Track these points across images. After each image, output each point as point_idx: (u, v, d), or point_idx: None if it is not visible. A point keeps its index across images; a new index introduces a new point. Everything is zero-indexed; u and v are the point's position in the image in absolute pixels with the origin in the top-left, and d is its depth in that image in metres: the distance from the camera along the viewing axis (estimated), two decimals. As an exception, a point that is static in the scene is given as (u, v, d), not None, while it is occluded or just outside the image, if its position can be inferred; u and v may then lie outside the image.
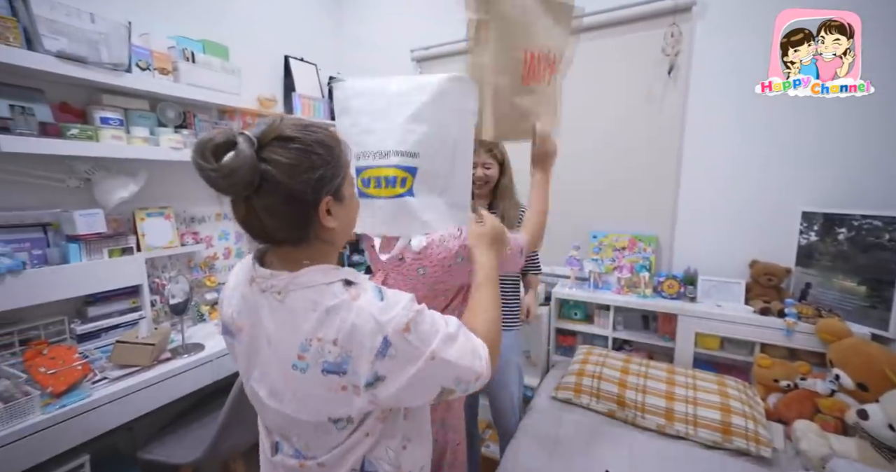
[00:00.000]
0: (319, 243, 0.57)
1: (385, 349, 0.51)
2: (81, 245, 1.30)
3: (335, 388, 0.53)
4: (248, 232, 0.55)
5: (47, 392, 1.07)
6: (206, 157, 0.47)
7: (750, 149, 1.62)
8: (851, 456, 1.08)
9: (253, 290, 0.58)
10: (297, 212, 0.53)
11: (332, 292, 0.54)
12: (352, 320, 0.51)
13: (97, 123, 1.32)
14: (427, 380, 0.54)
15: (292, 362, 0.53)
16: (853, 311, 1.41)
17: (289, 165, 0.50)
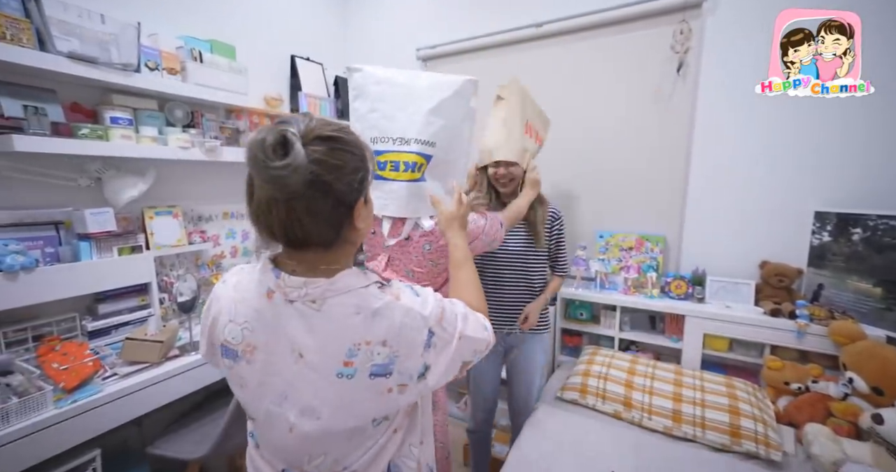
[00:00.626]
0: (346, 245, 0.56)
1: (430, 340, 0.55)
2: (92, 243, 1.32)
3: (382, 391, 0.53)
4: (282, 235, 0.52)
5: (59, 387, 1.09)
6: (270, 155, 0.45)
7: (760, 148, 1.59)
8: (866, 462, 1.05)
9: (274, 302, 0.53)
10: (338, 214, 0.52)
11: (372, 294, 0.54)
12: (400, 320, 0.53)
13: (107, 123, 1.34)
14: (457, 358, 0.58)
15: (337, 371, 0.51)
16: (868, 313, 1.37)
17: (335, 166, 0.49)
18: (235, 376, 0.58)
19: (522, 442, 1.27)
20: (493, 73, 2.11)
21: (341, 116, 2.25)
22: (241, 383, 0.57)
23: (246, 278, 0.58)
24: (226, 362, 0.58)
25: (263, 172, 0.46)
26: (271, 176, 0.45)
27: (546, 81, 1.99)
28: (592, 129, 1.91)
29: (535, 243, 1.39)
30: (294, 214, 0.49)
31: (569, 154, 1.96)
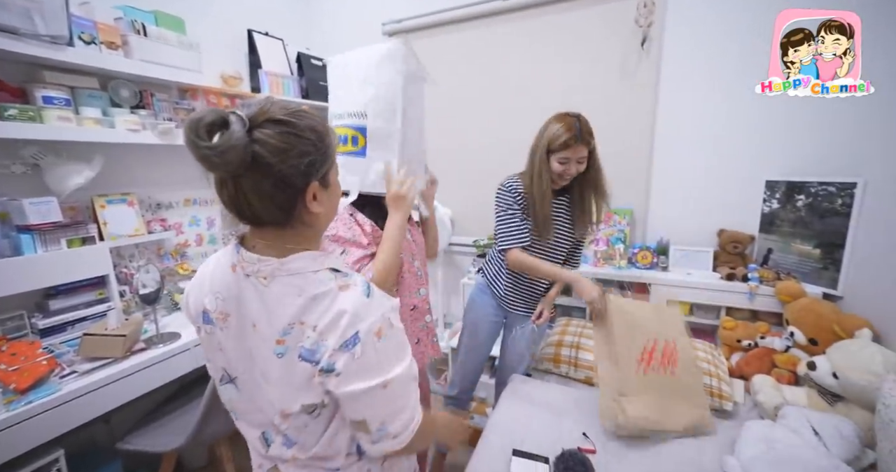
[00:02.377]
0: (303, 227, 0.57)
1: (352, 344, 0.51)
2: (35, 236, 1.22)
3: (308, 376, 0.53)
4: (234, 212, 0.54)
5: (10, 389, 1.03)
6: (201, 135, 0.46)
7: (720, 121, 1.66)
8: (801, 403, 1.17)
9: (236, 275, 0.57)
10: (284, 195, 0.53)
11: (318, 279, 0.55)
12: (336, 308, 0.52)
13: (40, 103, 1.22)
14: (363, 403, 0.54)
15: (273, 348, 0.54)
16: (808, 273, 1.50)
17: (280, 148, 0.50)
18: (215, 342, 0.61)
19: (500, 410, 1.33)
20: (460, 49, 2.09)
21: (306, 95, 2.16)
22: (220, 346, 0.61)
23: (221, 253, 0.63)
24: (206, 328, 0.61)
25: (193, 151, 0.47)
26: (200, 155, 0.47)
27: (512, 56, 1.98)
28: (560, 104, 1.92)
29: (574, 237, 1.38)
30: (241, 192, 0.51)
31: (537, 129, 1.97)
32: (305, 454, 0.60)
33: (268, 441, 0.62)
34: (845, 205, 1.39)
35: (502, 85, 2.02)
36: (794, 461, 0.91)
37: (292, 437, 0.59)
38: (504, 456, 1.09)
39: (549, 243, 1.34)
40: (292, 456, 0.61)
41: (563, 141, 1.19)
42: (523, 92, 1.99)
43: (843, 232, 1.39)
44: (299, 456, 0.60)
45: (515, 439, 1.15)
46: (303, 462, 0.61)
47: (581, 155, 1.21)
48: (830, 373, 1.12)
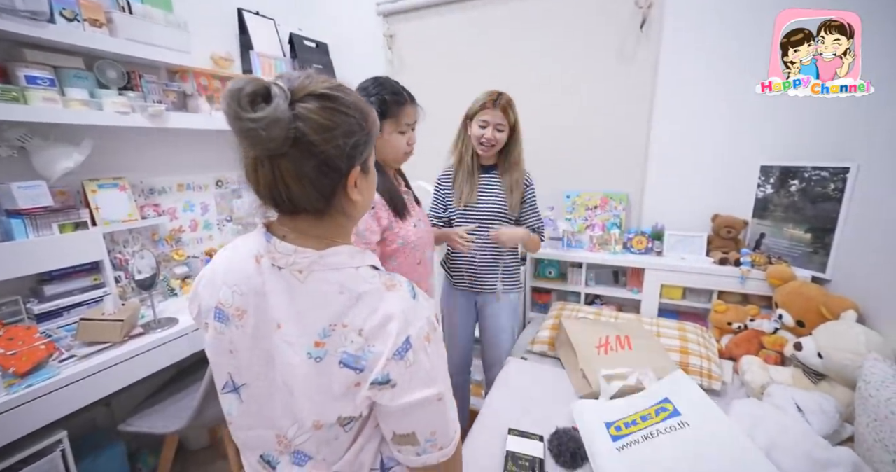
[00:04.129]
0: (340, 217, 0.52)
1: (405, 351, 0.46)
2: (25, 220, 1.20)
3: (349, 384, 0.47)
4: (268, 198, 0.48)
5: (10, 373, 1.03)
6: (244, 105, 0.41)
7: (718, 105, 1.65)
8: (786, 383, 1.22)
9: (261, 267, 0.50)
10: (327, 180, 0.47)
11: (362, 276, 0.50)
12: (384, 310, 0.47)
13: (23, 83, 1.18)
14: (416, 415, 0.49)
15: (307, 350, 0.48)
16: (799, 257, 1.53)
17: (324, 126, 0.44)
18: (225, 342, 0.53)
19: (495, 392, 1.36)
20: (454, 31, 2.04)
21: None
22: (230, 348, 0.53)
23: (241, 242, 0.56)
24: (217, 326, 0.53)
25: (235, 124, 0.42)
26: (242, 128, 0.42)
27: (510, 39, 1.94)
28: (557, 88, 1.91)
29: (508, 208, 1.41)
30: (279, 174, 0.45)
31: (535, 114, 1.95)
32: (326, 470, 0.53)
33: (271, 464, 0.55)
34: (837, 189, 1.40)
35: (496, 68, 1.99)
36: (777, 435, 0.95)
37: (310, 452, 0.52)
38: (500, 435, 1.12)
39: (480, 216, 1.41)
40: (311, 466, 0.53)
41: (482, 104, 1.30)
42: (517, 75, 1.95)
43: (833, 217, 1.42)
44: None
45: (511, 418, 1.19)
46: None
47: (498, 121, 1.28)
48: (816, 353, 1.16)
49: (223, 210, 1.92)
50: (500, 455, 1.05)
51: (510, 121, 1.31)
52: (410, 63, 2.19)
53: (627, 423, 1.07)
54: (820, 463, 0.86)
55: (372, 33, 2.19)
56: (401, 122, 1.00)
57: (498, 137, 1.30)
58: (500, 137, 1.30)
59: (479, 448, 1.10)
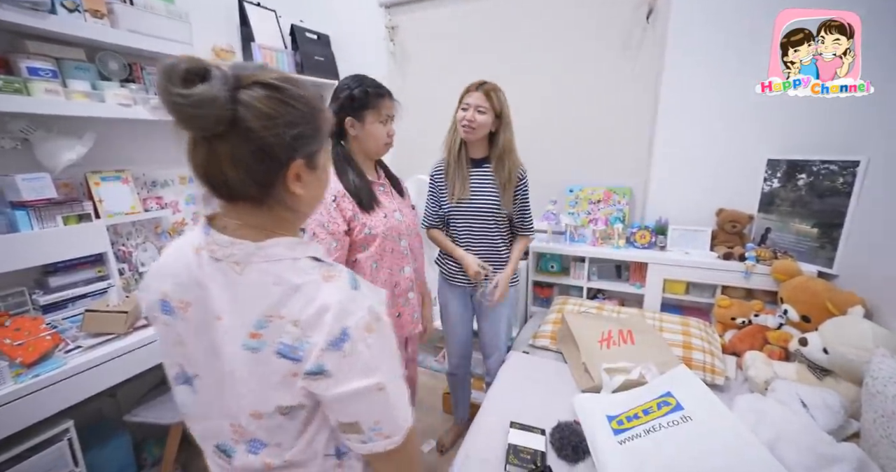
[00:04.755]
0: (282, 210, 0.52)
1: (341, 342, 0.46)
2: (30, 212, 1.20)
3: (286, 374, 0.48)
4: (204, 181, 0.48)
5: (17, 363, 1.04)
6: (174, 81, 0.41)
7: (725, 98, 1.63)
8: (790, 378, 1.21)
9: (201, 259, 0.50)
10: (264, 168, 0.47)
11: (300, 268, 0.50)
12: (320, 301, 0.47)
13: (25, 74, 1.18)
14: (356, 405, 0.49)
15: (244, 342, 0.48)
16: (805, 252, 1.51)
17: (265, 113, 0.45)
18: (173, 335, 0.54)
19: (497, 386, 1.36)
20: (457, 22, 2.01)
21: (301, 70, 2.09)
22: (179, 340, 0.54)
23: (187, 234, 0.56)
24: (164, 319, 0.54)
25: (162, 98, 0.42)
26: (169, 103, 0.42)
27: (513, 30, 1.92)
28: (561, 80, 1.88)
29: (501, 204, 1.37)
30: (215, 157, 0.46)
31: (538, 107, 1.94)
32: (280, 458, 0.53)
33: (227, 453, 0.56)
34: (846, 183, 1.38)
35: (499, 60, 1.96)
36: (781, 430, 0.95)
37: (263, 439, 0.53)
38: (502, 428, 1.12)
39: (473, 212, 1.40)
40: (263, 464, 0.53)
41: (465, 88, 1.33)
42: (520, 67, 1.93)
43: (842, 211, 1.40)
44: (272, 462, 0.53)
45: (512, 412, 1.19)
46: (276, 471, 0.54)
47: (479, 103, 1.28)
48: (821, 348, 1.15)
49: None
50: (502, 448, 1.06)
51: (493, 105, 1.28)
52: (413, 55, 2.17)
53: (629, 417, 1.07)
54: (825, 458, 0.86)
55: (374, 25, 2.17)
56: (381, 112, 1.09)
57: (479, 118, 1.28)
58: (480, 118, 1.28)
59: (481, 441, 1.11)
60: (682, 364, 1.23)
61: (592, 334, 1.38)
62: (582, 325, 1.44)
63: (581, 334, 1.39)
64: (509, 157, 1.35)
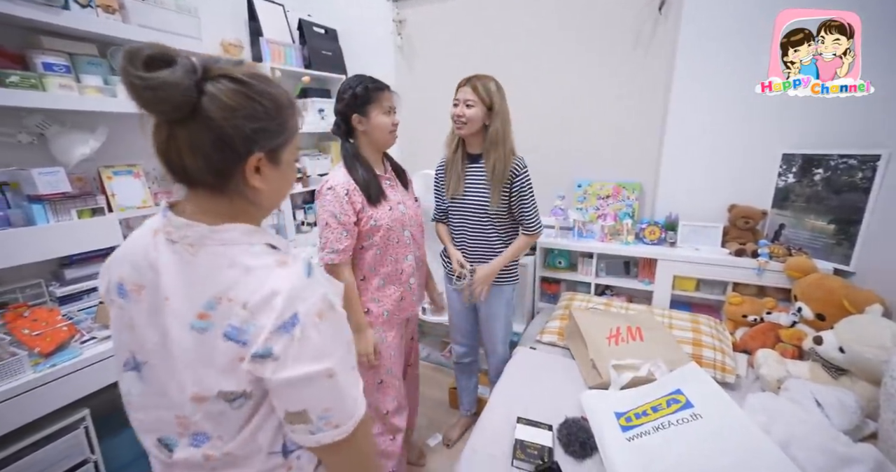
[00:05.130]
0: (241, 201, 0.52)
1: (291, 326, 0.46)
2: (46, 206, 1.23)
3: (233, 358, 0.47)
4: (164, 164, 0.49)
5: (35, 352, 1.07)
6: (135, 64, 0.42)
7: (739, 90, 1.59)
8: (804, 377, 1.19)
9: (157, 241, 0.51)
10: (221, 157, 0.48)
11: (254, 252, 0.50)
12: (271, 286, 0.47)
13: (40, 70, 1.19)
14: (304, 391, 0.48)
15: (191, 322, 0.48)
16: (821, 248, 1.48)
17: (227, 105, 0.46)
18: (126, 319, 0.54)
19: (503, 381, 1.36)
20: (466, 15, 1.99)
21: (308, 65, 2.10)
22: (130, 323, 0.53)
23: (149, 220, 0.56)
24: (119, 302, 0.54)
25: (124, 80, 0.43)
26: (128, 84, 0.42)
27: (523, 23, 1.89)
28: (571, 73, 1.86)
29: (490, 203, 1.33)
30: (174, 141, 0.47)
31: (548, 101, 1.92)
32: (220, 449, 0.52)
33: (169, 446, 0.54)
34: (866, 179, 1.35)
35: (507, 53, 1.94)
36: (794, 429, 0.93)
37: (206, 431, 0.51)
38: (509, 424, 1.12)
39: (465, 209, 1.40)
40: (204, 455, 0.52)
41: (457, 85, 1.32)
42: (529, 60, 1.91)
43: (860, 207, 1.36)
44: (212, 454, 0.52)
45: (519, 407, 1.19)
46: (215, 464, 0.52)
47: (467, 97, 1.28)
48: (837, 347, 1.13)
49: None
50: (509, 444, 1.06)
51: (482, 98, 1.26)
52: (420, 49, 2.16)
53: (638, 414, 1.06)
54: (840, 459, 0.84)
55: (381, 18, 2.16)
56: (383, 104, 1.15)
57: (467, 113, 1.27)
58: (469, 113, 1.27)
59: (488, 436, 1.11)
60: (692, 362, 1.22)
61: (600, 331, 1.37)
62: (590, 321, 1.43)
63: (589, 330, 1.38)
64: (495, 149, 1.29)
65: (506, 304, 1.50)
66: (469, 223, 1.40)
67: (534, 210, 1.37)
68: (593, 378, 1.27)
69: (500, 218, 1.38)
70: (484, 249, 1.42)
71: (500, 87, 1.31)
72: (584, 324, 1.41)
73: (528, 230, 1.40)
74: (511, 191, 1.34)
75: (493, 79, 1.31)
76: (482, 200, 1.36)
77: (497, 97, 1.29)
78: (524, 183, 1.33)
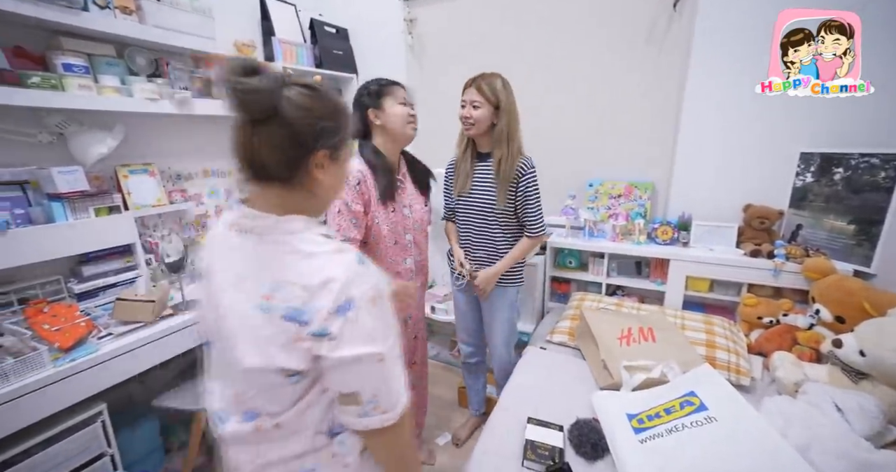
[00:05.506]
0: (305, 193, 0.59)
1: (346, 309, 0.51)
2: (65, 204, 1.25)
3: (292, 337, 0.52)
4: (244, 161, 0.56)
5: (55, 347, 1.09)
6: (236, 71, 0.51)
7: (754, 88, 1.54)
8: (822, 381, 1.16)
9: (231, 232, 0.58)
10: (294, 152, 0.55)
11: (314, 241, 0.56)
12: (328, 271, 0.52)
13: (60, 71, 1.22)
14: (356, 372, 0.53)
15: (258, 303, 0.53)
16: (840, 249, 1.44)
17: (302, 107, 0.54)
18: (203, 301, 0.63)
19: (514, 381, 1.35)
20: (479, 13, 1.98)
21: (320, 64, 2.11)
22: (206, 305, 0.62)
23: (225, 214, 0.65)
24: (202, 283, 0.63)
25: (226, 85, 0.50)
26: (230, 89, 0.50)
27: (534, 21, 1.88)
28: (583, 71, 1.84)
29: (496, 201, 1.32)
30: (255, 139, 0.54)
31: (560, 99, 1.90)
32: (270, 422, 0.56)
33: (222, 419, 0.60)
34: (888, 178, 1.31)
35: (518, 52, 1.93)
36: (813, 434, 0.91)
37: (257, 407, 0.57)
38: (519, 424, 1.12)
39: (471, 207, 1.39)
40: (255, 427, 0.57)
41: (463, 87, 1.32)
42: (541, 58, 1.89)
43: (882, 207, 1.32)
44: (263, 425, 0.57)
45: (530, 407, 1.18)
46: (264, 436, 0.57)
47: (473, 98, 1.27)
48: (857, 351, 1.10)
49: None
50: (520, 444, 1.05)
51: (488, 98, 1.26)
52: (431, 48, 2.16)
53: (651, 416, 1.05)
54: (862, 465, 0.82)
55: (392, 18, 2.16)
56: (398, 95, 1.19)
57: (474, 114, 1.27)
58: (476, 114, 1.27)
59: (497, 437, 1.10)
60: (706, 363, 1.20)
61: (612, 331, 1.36)
62: (601, 321, 1.41)
63: (600, 330, 1.37)
64: (500, 147, 1.28)
65: (509, 306, 1.48)
66: (475, 221, 1.40)
67: (537, 212, 1.33)
68: (605, 379, 1.26)
69: (507, 217, 1.37)
70: (488, 248, 1.41)
71: (506, 83, 1.29)
72: (595, 324, 1.40)
73: (531, 232, 1.36)
74: (517, 191, 1.32)
75: (499, 76, 1.29)
76: (489, 199, 1.35)
77: (503, 95, 1.27)
78: (529, 183, 1.30)
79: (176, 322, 1.32)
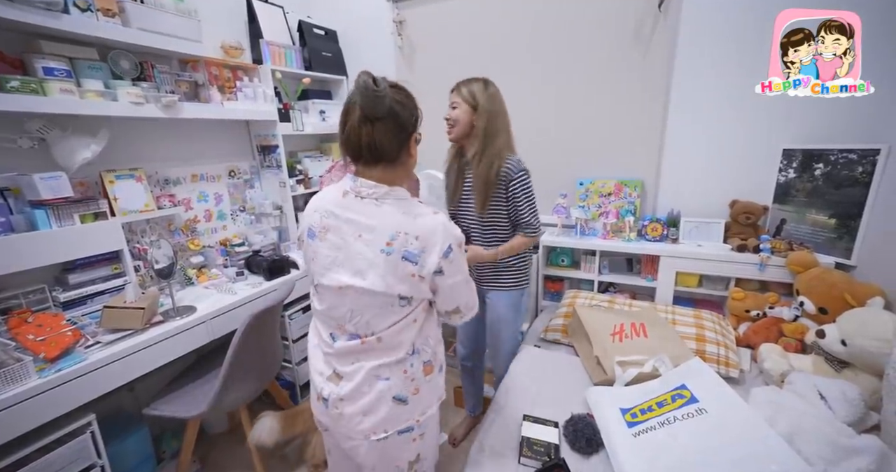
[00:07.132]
0: (400, 167, 0.80)
1: (448, 253, 0.76)
2: (48, 211, 1.22)
3: (408, 272, 0.74)
4: (365, 149, 0.74)
5: (40, 358, 1.06)
6: (371, 84, 0.70)
7: (738, 87, 1.60)
8: (807, 370, 1.19)
9: (347, 198, 0.78)
10: (402, 137, 0.76)
11: (415, 204, 0.79)
12: (432, 225, 0.75)
13: (40, 75, 1.19)
14: (456, 293, 0.81)
15: (382, 248, 0.74)
16: (822, 243, 1.49)
17: (404, 104, 0.75)
18: (310, 251, 0.82)
19: (508, 379, 1.36)
20: (466, 15, 1.99)
21: (309, 66, 2.10)
22: (313, 256, 0.82)
23: (330, 187, 0.85)
24: (307, 242, 0.83)
25: (369, 93, 0.70)
26: (374, 96, 0.71)
27: (522, 23, 1.90)
28: (571, 71, 1.86)
29: (479, 209, 1.28)
30: (376, 131, 0.73)
31: (548, 99, 1.92)
32: (374, 337, 0.78)
33: (334, 338, 0.82)
34: (866, 173, 1.35)
35: (507, 53, 1.95)
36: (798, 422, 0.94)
37: (360, 332, 0.79)
38: (515, 421, 1.13)
39: (465, 212, 1.37)
40: (361, 342, 0.79)
41: None
42: (529, 60, 1.91)
43: (861, 201, 1.37)
44: (367, 338, 0.79)
45: (525, 405, 1.19)
46: (367, 346, 0.79)
47: (452, 100, 1.30)
48: (839, 340, 1.13)
49: (236, 200, 1.93)
50: (516, 441, 1.06)
51: (465, 98, 1.26)
52: (420, 49, 2.16)
53: (643, 409, 1.07)
54: (844, 450, 0.85)
55: (381, 19, 2.16)
56: None
57: (452, 114, 1.28)
58: (454, 114, 1.27)
59: (494, 434, 1.11)
60: (696, 357, 1.22)
61: (604, 328, 1.38)
62: (594, 318, 1.43)
63: (593, 327, 1.39)
64: (476, 146, 1.25)
65: (513, 309, 1.45)
66: (472, 230, 1.36)
67: (530, 213, 1.28)
68: (598, 375, 1.27)
69: (499, 224, 1.32)
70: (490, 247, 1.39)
71: (488, 87, 1.26)
72: (588, 321, 1.42)
73: (525, 232, 1.32)
74: (507, 194, 1.27)
75: (481, 80, 1.27)
76: (471, 207, 1.33)
77: (482, 97, 1.25)
78: (518, 185, 1.25)
79: (166, 329, 1.29)
